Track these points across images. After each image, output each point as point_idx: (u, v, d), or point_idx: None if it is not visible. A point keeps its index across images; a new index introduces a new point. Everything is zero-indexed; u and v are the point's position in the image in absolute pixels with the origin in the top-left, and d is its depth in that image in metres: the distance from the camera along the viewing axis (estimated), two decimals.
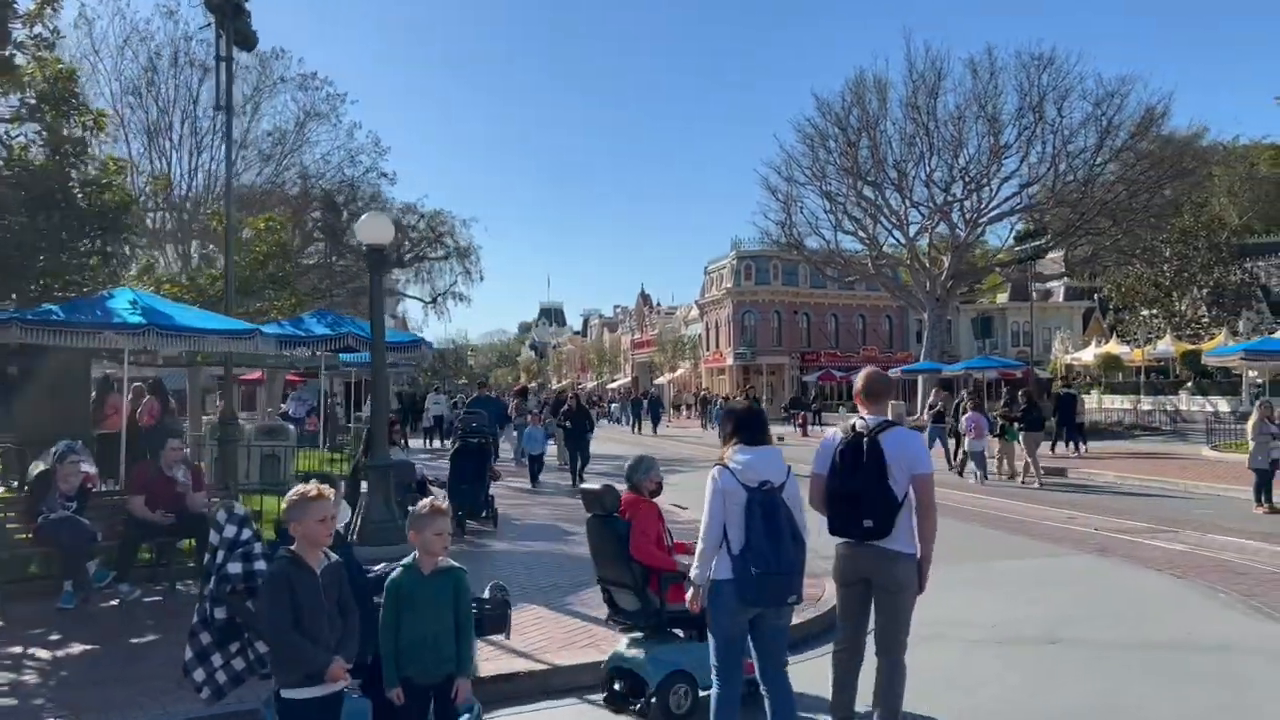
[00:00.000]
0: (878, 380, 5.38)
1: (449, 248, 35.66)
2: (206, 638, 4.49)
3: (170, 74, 23.18)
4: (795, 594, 4.76)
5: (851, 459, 4.96)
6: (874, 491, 4.88)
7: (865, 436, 4.98)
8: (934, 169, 39.84)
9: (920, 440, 5.30)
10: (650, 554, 5.95)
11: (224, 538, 4.54)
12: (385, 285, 39.24)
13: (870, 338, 64.39)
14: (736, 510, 4.67)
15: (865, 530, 4.90)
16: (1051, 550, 11.77)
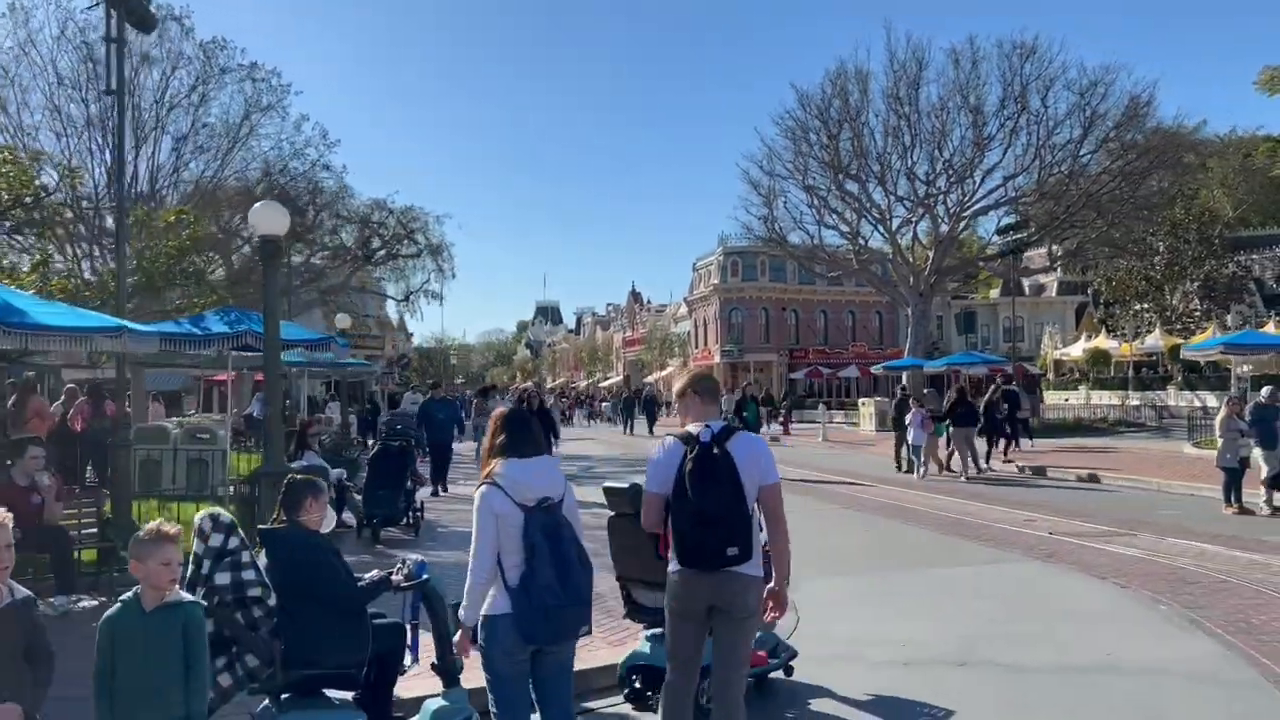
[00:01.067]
0: (708, 379, 4.72)
1: (420, 245, 34.95)
2: None
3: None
4: (586, 625, 4.13)
5: (702, 474, 4.19)
6: (735, 512, 4.21)
7: (713, 446, 4.27)
8: (916, 161, 39.11)
9: (767, 446, 4.59)
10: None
11: (209, 546, 4.31)
12: (358, 284, 38.84)
13: (860, 334, 63.78)
14: (513, 534, 3.97)
15: (731, 558, 4.19)
16: (996, 556, 11.11)
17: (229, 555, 4.36)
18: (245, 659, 4.39)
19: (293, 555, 4.68)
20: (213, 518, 4.48)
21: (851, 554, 11.30)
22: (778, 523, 4.41)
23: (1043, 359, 49.86)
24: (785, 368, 60.87)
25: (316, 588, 4.62)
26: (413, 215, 34.64)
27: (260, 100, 25.61)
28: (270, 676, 4.51)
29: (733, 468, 4.22)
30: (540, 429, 4.41)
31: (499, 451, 4.16)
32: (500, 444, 4.17)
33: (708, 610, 4.35)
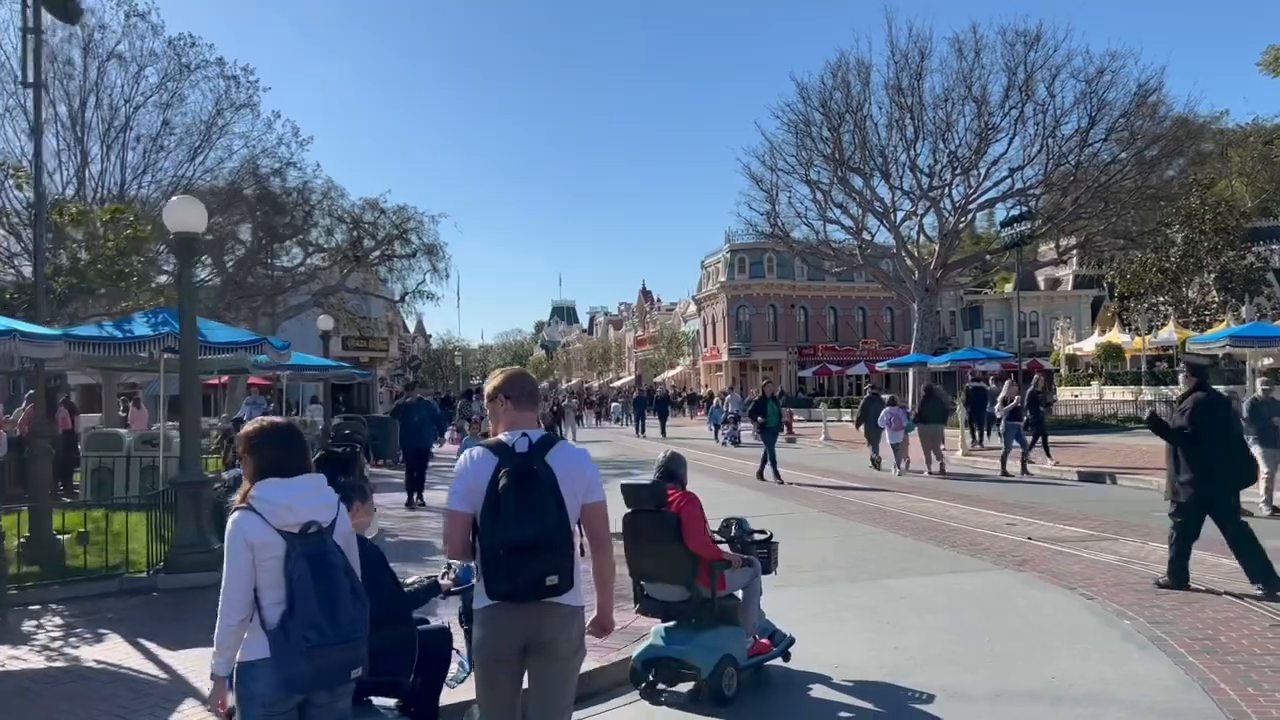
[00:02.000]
0: (524, 380, 4.04)
1: (415, 245, 34.42)
2: None
3: (87, 64, 22.10)
4: (360, 666, 3.54)
5: (520, 491, 3.59)
6: (557, 536, 3.60)
7: (531, 459, 3.67)
8: (920, 154, 38.32)
9: (591, 460, 3.98)
10: (707, 545, 6.17)
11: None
12: (363, 285, 38.37)
13: (871, 330, 62.89)
14: (273, 566, 3.41)
15: (551, 588, 3.61)
16: (964, 564, 10.46)
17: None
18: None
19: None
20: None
21: (810, 563, 10.67)
22: (602, 546, 3.86)
23: (1055, 354, 48.86)
24: (795, 365, 60.02)
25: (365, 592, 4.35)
26: (406, 215, 34.11)
27: (231, 97, 25.14)
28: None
29: (554, 484, 3.64)
30: (290, 443, 3.73)
31: (256, 472, 3.59)
32: (257, 463, 3.59)
33: (523, 649, 3.74)
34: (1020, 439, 19.67)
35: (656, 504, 6.19)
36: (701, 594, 6.08)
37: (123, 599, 8.92)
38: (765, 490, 18.21)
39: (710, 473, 21.97)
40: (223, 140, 25.47)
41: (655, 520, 6.16)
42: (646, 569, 6.24)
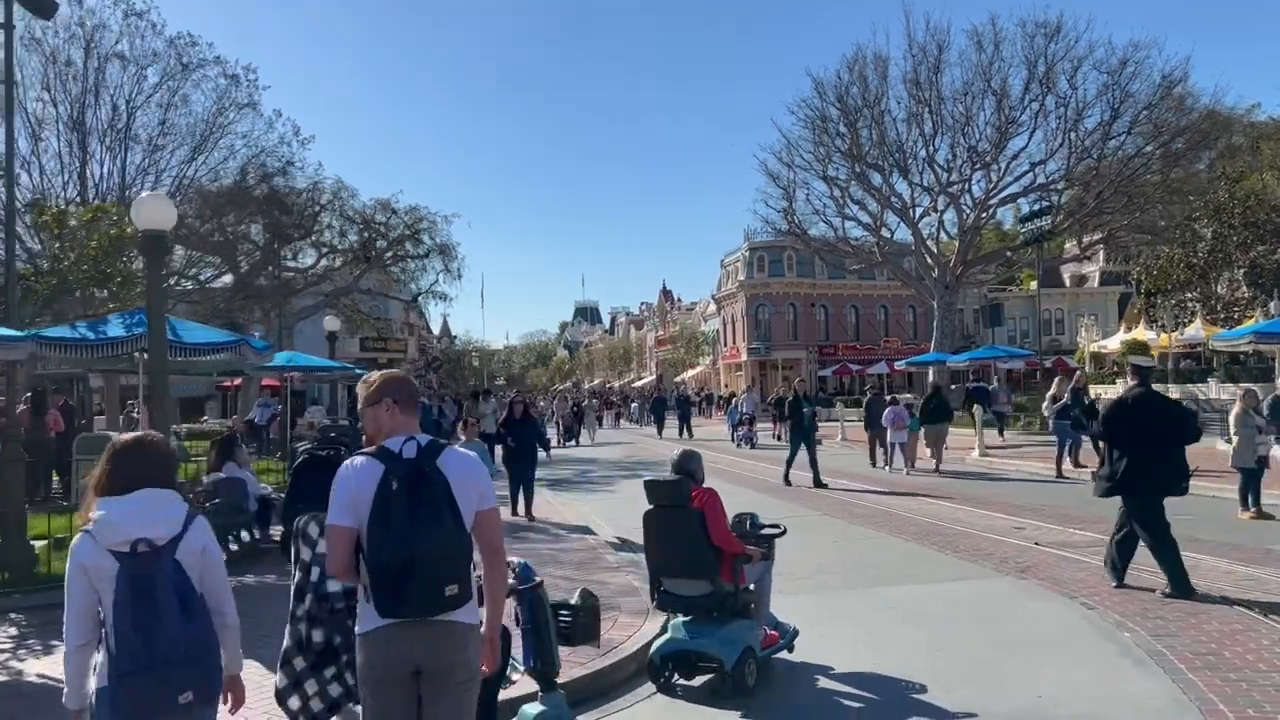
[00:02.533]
0: (405, 383, 3.76)
1: (428, 245, 34.24)
2: (301, 663, 4.14)
3: (88, 65, 22.06)
4: (189, 690, 3.20)
5: (412, 498, 3.31)
6: (453, 544, 3.33)
7: (420, 463, 3.40)
8: (937, 149, 37.71)
9: (483, 466, 3.70)
10: (730, 540, 6.29)
11: (318, 553, 4.10)
12: (378, 286, 38.27)
13: (893, 329, 62.10)
14: (107, 589, 3.16)
15: (449, 600, 3.31)
16: (964, 571, 10.03)
17: None
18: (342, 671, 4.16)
19: None
20: (319, 523, 4.13)
21: (806, 568, 10.27)
22: (496, 555, 3.60)
23: (1080, 352, 47.94)
24: (815, 365, 59.38)
25: None
26: (418, 215, 33.94)
27: (234, 97, 25.03)
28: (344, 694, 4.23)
29: (448, 489, 3.36)
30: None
31: (104, 489, 3.34)
32: (107, 480, 3.35)
33: (415, 674, 3.42)
34: (1074, 436, 18.99)
35: (680, 500, 6.29)
36: (724, 588, 6.20)
37: None
38: (772, 492, 17.80)
39: (721, 474, 21.57)
40: (224, 140, 25.40)
41: (679, 517, 6.24)
42: (669, 565, 6.29)
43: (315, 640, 4.09)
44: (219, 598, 3.42)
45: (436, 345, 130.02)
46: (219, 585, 3.42)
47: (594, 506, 16.01)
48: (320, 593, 4.12)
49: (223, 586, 3.45)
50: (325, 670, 4.15)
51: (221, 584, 3.44)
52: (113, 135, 22.51)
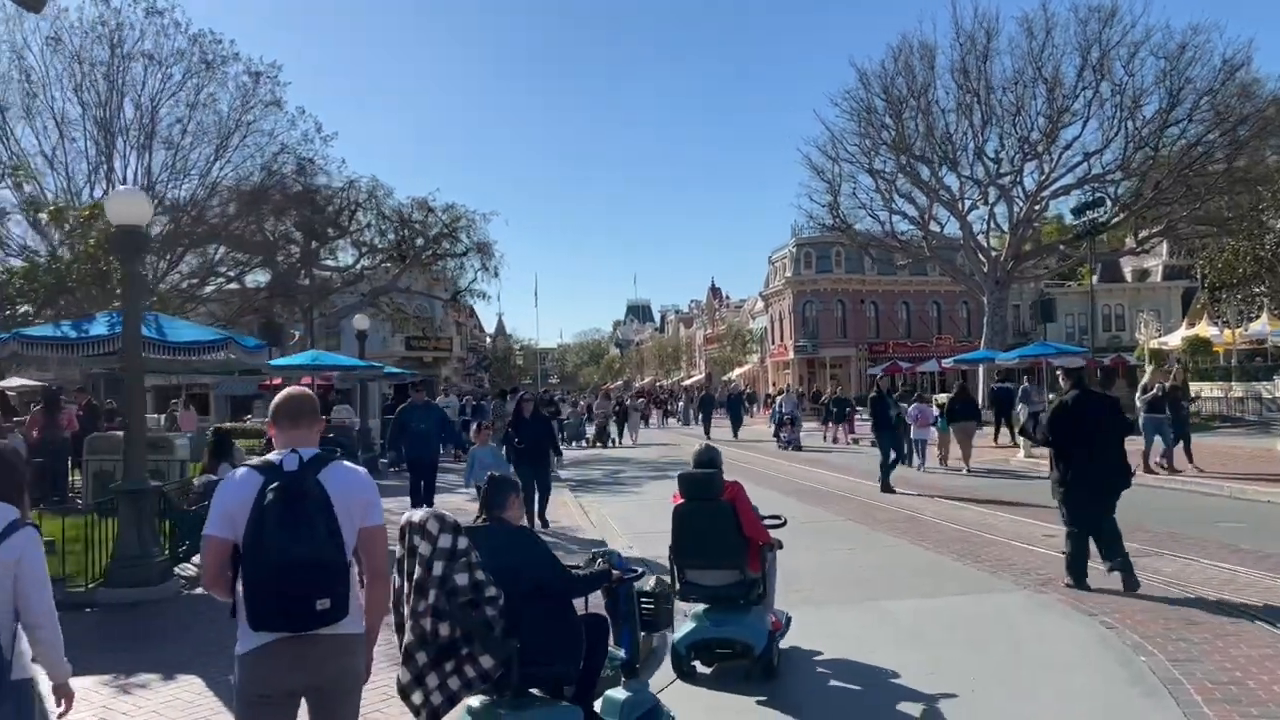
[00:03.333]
0: (297, 399, 3.72)
1: (466, 243, 34.09)
2: (423, 657, 4.17)
3: (114, 64, 22.20)
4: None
5: (287, 510, 3.25)
6: (328, 558, 3.27)
7: (300, 475, 3.35)
8: (986, 140, 36.59)
9: (371, 481, 3.64)
10: (761, 530, 6.57)
11: (439, 548, 4.16)
12: (403, 285, 38.21)
13: (946, 325, 60.64)
14: None
15: (320, 614, 3.25)
16: (980, 583, 9.39)
17: (462, 555, 4.21)
18: (480, 660, 4.21)
19: (505, 551, 4.52)
20: (438, 518, 4.26)
21: (811, 579, 9.71)
22: (378, 575, 3.60)
23: (1140, 349, 46.30)
24: (864, 362, 58.21)
25: (531, 583, 4.50)
26: (456, 214, 33.78)
27: (258, 94, 25.00)
28: (503, 676, 4.30)
29: (327, 503, 3.33)
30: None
31: None
32: None
33: (295, 691, 3.41)
34: (1163, 434, 17.76)
35: (713, 494, 6.52)
36: (751, 577, 6.47)
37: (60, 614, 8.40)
38: (798, 495, 17.19)
39: (754, 477, 20.98)
40: (249, 138, 25.38)
41: (712, 509, 6.47)
42: (698, 556, 6.45)
43: (442, 634, 4.12)
44: (31, 611, 3.41)
45: (490, 344, 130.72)
46: (32, 598, 3.40)
47: (615, 509, 15.56)
48: (447, 586, 4.17)
49: (37, 599, 3.42)
50: (445, 664, 4.21)
51: (36, 597, 3.42)
52: (140, 135, 22.66)
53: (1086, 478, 8.84)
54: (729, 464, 7.60)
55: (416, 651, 4.20)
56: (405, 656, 4.23)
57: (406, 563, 4.27)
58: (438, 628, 4.16)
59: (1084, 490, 8.87)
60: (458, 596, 4.18)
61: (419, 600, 4.18)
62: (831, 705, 6.06)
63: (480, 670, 4.23)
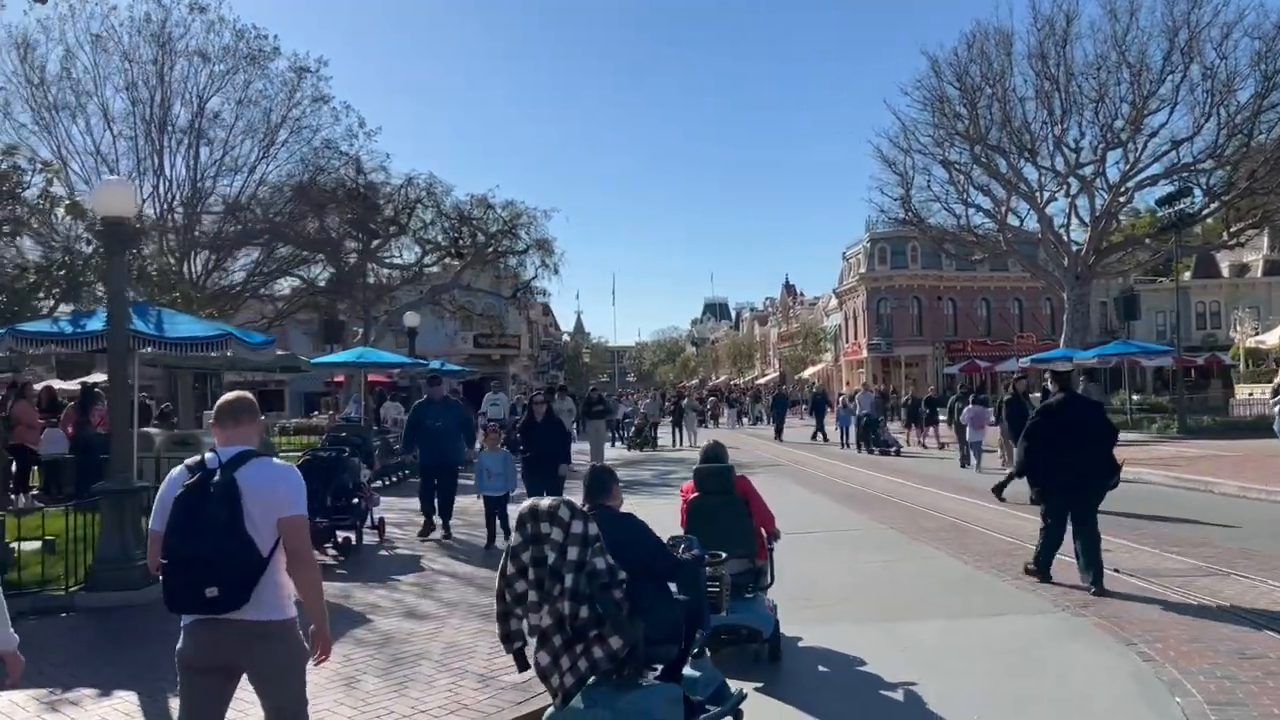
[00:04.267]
0: (235, 402, 3.96)
1: (526, 241, 33.85)
2: (559, 639, 4.37)
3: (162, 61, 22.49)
4: None
5: (191, 506, 3.63)
6: (221, 547, 3.58)
7: (211, 474, 3.69)
8: (1067, 128, 34.93)
9: (294, 474, 3.88)
10: (771, 519, 7.07)
11: (573, 533, 4.40)
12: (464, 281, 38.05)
13: (1028, 323, 58.50)
14: None
15: (211, 601, 3.58)
16: (1012, 603, 8.57)
17: (595, 540, 4.43)
18: (610, 641, 4.40)
19: (617, 535, 4.70)
20: (568, 505, 4.50)
21: (830, 595, 9.03)
22: (300, 562, 3.76)
23: (1235, 348, 43.89)
24: (941, 361, 56.45)
25: (640, 565, 4.70)
26: (517, 211, 33.55)
27: (303, 89, 24.98)
28: (628, 658, 4.51)
29: (234, 496, 3.61)
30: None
31: None
32: None
33: (225, 670, 3.77)
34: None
35: (728, 487, 6.93)
36: (759, 565, 6.90)
37: (30, 620, 8.16)
38: (848, 500, 16.39)
39: (817, 486, 20.19)
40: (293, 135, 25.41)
41: (726, 502, 6.85)
42: (713, 547, 6.32)
43: (582, 616, 4.29)
44: None
45: (569, 342, 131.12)
46: None
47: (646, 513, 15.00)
48: (586, 570, 4.35)
49: None
50: (576, 646, 4.37)
51: None
52: (190, 133, 22.89)
53: (1061, 481, 9.04)
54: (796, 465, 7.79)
55: (554, 634, 4.35)
56: (541, 640, 4.39)
57: (524, 551, 4.48)
58: (577, 610, 4.33)
59: (1060, 494, 9.11)
60: (597, 579, 4.41)
61: (553, 584, 4.36)
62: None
63: (608, 651, 4.42)
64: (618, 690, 4.57)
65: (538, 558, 4.44)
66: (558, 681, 4.39)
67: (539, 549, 4.44)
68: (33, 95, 22.32)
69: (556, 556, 4.40)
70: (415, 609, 8.66)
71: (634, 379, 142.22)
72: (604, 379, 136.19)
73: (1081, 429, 9.02)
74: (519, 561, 4.52)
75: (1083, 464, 8.89)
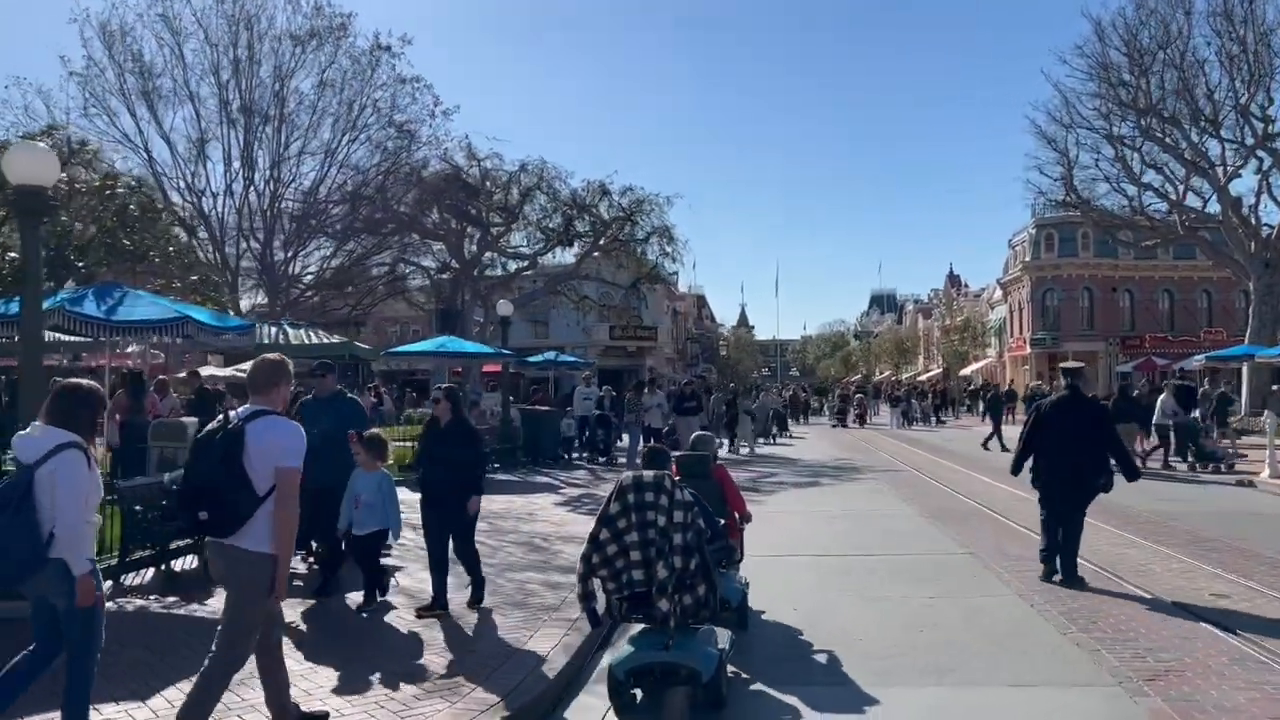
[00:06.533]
0: (258, 369, 4.85)
1: (648, 228, 32.58)
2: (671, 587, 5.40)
3: (259, 47, 22.45)
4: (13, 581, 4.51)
5: (204, 445, 4.63)
6: (217, 482, 4.45)
7: (225, 424, 4.60)
8: (1254, 93, 30.70)
9: (295, 431, 4.67)
10: (743, 502, 8.01)
11: (678, 500, 5.46)
12: (583, 271, 37.00)
13: (1219, 317, 52.68)
14: None
15: (202, 523, 4.55)
16: (1059, 668, 6.60)
17: (695, 504, 5.60)
18: (698, 589, 5.42)
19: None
20: (670, 476, 5.65)
21: (842, 641, 7.29)
22: (279, 504, 4.52)
23: None
24: (1115, 358, 51.51)
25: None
26: (636, 197, 32.34)
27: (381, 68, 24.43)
28: (707, 602, 5.52)
29: (238, 440, 4.47)
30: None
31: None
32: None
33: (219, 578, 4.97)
34: None
35: (705, 473, 7.73)
36: (731, 544, 7.25)
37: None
38: (938, 518, 14.31)
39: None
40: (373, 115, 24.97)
41: (703, 486, 7.21)
42: None
43: (692, 567, 5.40)
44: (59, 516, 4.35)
45: (727, 336, 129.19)
46: (61, 505, 4.35)
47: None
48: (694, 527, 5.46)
49: (64, 507, 4.34)
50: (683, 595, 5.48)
51: (64, 505, 4.34)
52: (278, 117, 22.79)
53: (1056, 477, 9.28)
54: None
55: (668, 584, 5.35)
56: (659, 590, 5.36)
57: (624, 518, 5.44)
58: (688, 562, 5.35)
59: (1053, 489, 9.35)
60: (703, 535, 5.44)
61: (663, 540, 5.36)
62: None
63: (696, 597, 5.41)
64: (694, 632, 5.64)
65: (637, 523, 5.44)
66: (673, 620, 5.41)
67: (639, 515, 5.44)
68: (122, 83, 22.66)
69: (665, 519, 5.41)
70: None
71: (797, 373, 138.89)
72: (765, 373, 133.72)
73: (1080, 428, 9.21)
74: (615, 527, 5.48)
75: (1079, 463, 9.12)
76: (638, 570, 5.39)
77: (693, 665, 5.52)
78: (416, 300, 36.90)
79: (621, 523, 5.42)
